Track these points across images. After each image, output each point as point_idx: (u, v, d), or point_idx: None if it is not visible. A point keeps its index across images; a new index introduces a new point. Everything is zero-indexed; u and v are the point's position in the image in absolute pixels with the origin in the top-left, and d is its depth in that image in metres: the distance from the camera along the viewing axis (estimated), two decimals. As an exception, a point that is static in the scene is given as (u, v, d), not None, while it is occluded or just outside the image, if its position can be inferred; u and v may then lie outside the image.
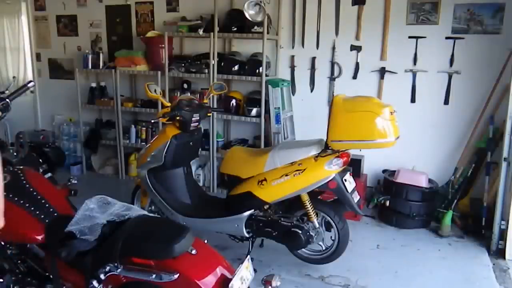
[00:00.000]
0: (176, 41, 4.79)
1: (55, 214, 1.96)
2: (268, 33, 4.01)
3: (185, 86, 4.64)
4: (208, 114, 3.29)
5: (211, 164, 4.49)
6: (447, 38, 3.83)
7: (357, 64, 4.17)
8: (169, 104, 3.04)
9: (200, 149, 3.58)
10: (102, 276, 1.70)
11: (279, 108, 4.05)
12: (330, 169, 2.64)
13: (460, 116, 3.90)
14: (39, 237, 1.87)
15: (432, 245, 3.43)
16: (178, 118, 2.93)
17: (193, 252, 1.78)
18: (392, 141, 2.56)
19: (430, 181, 3.80)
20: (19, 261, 2.02)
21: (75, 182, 2.31)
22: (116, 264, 1.69)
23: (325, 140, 2.70)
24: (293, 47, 4.39)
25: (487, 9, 3.68)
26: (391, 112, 2.57)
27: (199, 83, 4.64)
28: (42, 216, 1.91)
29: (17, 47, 6.08)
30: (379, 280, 2.89)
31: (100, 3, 5.20)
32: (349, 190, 2.73)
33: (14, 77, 6.33)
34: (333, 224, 2.86)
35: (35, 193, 1.99)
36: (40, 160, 3.11)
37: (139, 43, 4.90)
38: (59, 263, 1.83)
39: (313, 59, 4.32)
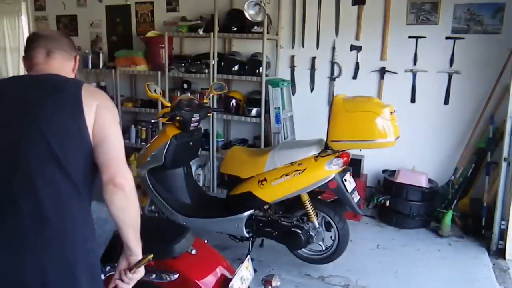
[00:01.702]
0: (176, 41, 4.79)
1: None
2: (268, 33, 4.01)
3: (185, 86, 4.63)
4: (208, 114, 3.29)
5: (211, 164, 4.49)
6: (447, 38, 3.83)
7: (357, 64, 4.17)
8: (169, 104, 3.03)
9: (200, 149, 3.58)
10: (102, 276, 1.70)
11: (279, 108, 4.05)
12: (330, 169, 2.64)
13: (460, 116, 3.89)
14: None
15: (432, 245, 3.42)
16: (178, 118, 2.92)
17: (193, 252, 1.78)
18: (392, 141, 2.56)
19: (430, 181, 3.79)
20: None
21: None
22: (116, 264, 1.69)
23: (325, 140, 2.70)
24: (293, 47, 4.38)
25: (487, 9, 3.68)
26: (391, 112, 2.57)
27: (199, 83, 4.63)
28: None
29: (17, 47, 6.07)
30: (379, 280, 2.89)
31: (100, 3, 5.20)
32: (349, 190, 2.73)
33: (14, 77, 6.33)
34: (333, 224, 2.86)
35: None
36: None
37: (139, 43, 4.89)
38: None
39: (313, 59, 4.32)
